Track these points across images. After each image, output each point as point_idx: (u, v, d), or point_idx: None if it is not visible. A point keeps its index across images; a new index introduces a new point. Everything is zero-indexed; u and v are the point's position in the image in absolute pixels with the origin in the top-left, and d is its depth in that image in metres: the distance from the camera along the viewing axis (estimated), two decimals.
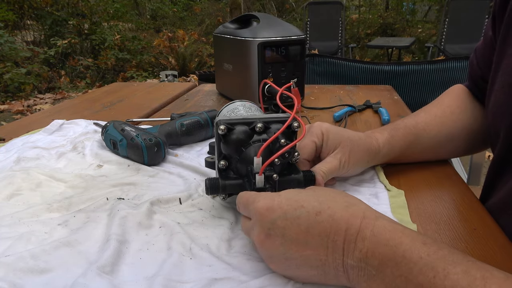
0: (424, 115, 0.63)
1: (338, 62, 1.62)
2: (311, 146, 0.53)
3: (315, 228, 0.34)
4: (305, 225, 0.35)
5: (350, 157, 0.53)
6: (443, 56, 4.49)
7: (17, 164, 0.64)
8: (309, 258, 0.35)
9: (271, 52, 0.90)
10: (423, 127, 0.60)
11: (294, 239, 0.35)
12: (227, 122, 0.46)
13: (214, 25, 7.59)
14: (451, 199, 0.53)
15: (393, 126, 0.61)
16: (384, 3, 8.04)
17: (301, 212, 0.35)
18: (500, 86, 0.51)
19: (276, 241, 0.36)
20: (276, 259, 0.37)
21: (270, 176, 0.44)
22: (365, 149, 0.55)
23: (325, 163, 0.52)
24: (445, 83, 1.57)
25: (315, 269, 0.35)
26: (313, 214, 0.35)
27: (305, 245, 0.35)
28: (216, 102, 1.08)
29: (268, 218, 0.36)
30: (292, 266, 0.36)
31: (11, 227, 0.47)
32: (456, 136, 0.62)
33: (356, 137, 0.55)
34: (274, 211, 0.36)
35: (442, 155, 0.64)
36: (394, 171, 0.60)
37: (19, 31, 6.06)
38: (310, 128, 0.56)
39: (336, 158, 0.53)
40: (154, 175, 0.61)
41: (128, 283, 0.38)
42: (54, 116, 0.94)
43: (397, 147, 0.59)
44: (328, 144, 0.54)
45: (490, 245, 0.43)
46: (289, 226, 0.35)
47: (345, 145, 0.53)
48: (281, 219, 0.36)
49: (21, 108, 4.09)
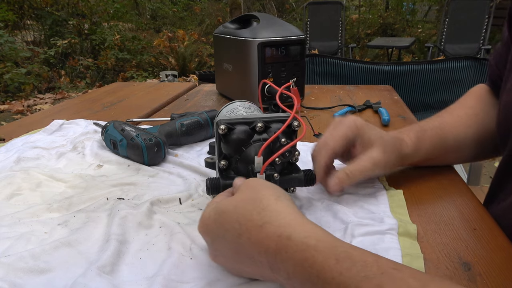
0: (448, 117, 0.61)
1: (338, 62, 1.62)
2: (342, 137, 0.50)
3: (241, 251, 0.35)
4: (234, 247, 0.36)
5: (383, 158, 0.50)
6: (443, 56, 4.49)
7: (17, 164, 0.64)
8: (251, 273, 0.37)
9: (271, 52, 0.90)
10: (449, 130, 0.59)
11: (230, 257, 0.37)
12: (227, 122, 0.46)
13: (214, 25, 7.59)
14: (451, 199, 0.53)
15: (419, 127, 0.58)
16: (384, 3, 8.04)
17: (227, 235, 0.36)
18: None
19: (222, 259, 0.38)
20: (233, 269, 0.39)
21: (271, 175, 0.44)
22: (396, 150, 0.53)
23: (357, 164, 0.49)
24: (445, 83, 1.57)
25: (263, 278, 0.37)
26: (236, 237, 0.35)
27: (240, 263, 0.36)
28: (216, 102, 1.08)
29: (205, 237, 0.39)
30: (245, 273, 0.38)
31: (11, 227, 0.47)
32: (480, 139, 0.60)
33: (388, 137, 0.52)
34: (207, 232, 0.39)
35: (465, 158, 0.62)
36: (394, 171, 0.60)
37: (19, 31, 6.06)
38: (342, 120, 0.52)
39: (370, 157, 0.50)
40: (154, 175, 0.61)
41: (128, 283, 0.38)
42: (54, 116, 0.94)
43: (423, 150, 0.56)
44: (362, 140, 0.51)
45: (490, 245, 0.43)
46: (222, 247, 0.37)
47: (379, 144, 0.50)
48: (214, 242, 0.38)
49: (21, 108, 4.09)
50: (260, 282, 0.37)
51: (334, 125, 0.53)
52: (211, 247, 0.39)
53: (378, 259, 0.30)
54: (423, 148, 0.56)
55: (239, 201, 0.38)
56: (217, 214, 0.38)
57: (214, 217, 0.38)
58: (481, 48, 4.41)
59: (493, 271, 0.39)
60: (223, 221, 0.37)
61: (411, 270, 0.29)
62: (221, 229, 0.37)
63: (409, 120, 0.88)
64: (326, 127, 0.53)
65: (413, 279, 0.27)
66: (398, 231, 0.44)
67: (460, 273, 0.39)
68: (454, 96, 1.61)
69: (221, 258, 0.38)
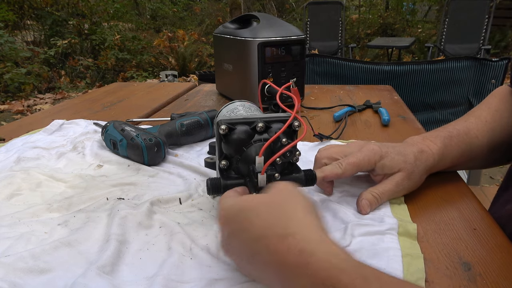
0: (474, 121, 0.59)
1: (338, 62, 1.62)
2: (354, 165, 0.50)
3: (257, 257, 0.34)
4: (250, 251, 0.35)
5: (408, 181, 0.51)
6: (443, 56, 4.49)
7: (17, 164, 0.64)
8: (256, 276, 0.36)
9: (271, 52, 0.90)
10: (475, 135, 0.58)
11: (243, 256, 0.36)
12: (228, 122, 0.46)
13: (214, 25, 7.59)
14: (451, 199, 0.53)
15: (446, 133, 0.57)
16: (384, 3, 8.04)
17: (246, 236, 0.35)
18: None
19: (231, 254, 0.38)
20: (244, 265, 0.38)
21: (272, 176, 0.44)
22: (424, 166, 0.52)
23: (382, 187, 0.50)
24: (445, 83, 1.57)
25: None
26: (253, 240, 0.34)
27: (251, 265, 0.35)
28: (216, 102, 1.08)
29: (222, 230, 0.38)
30: (258, 271, 0.36)
31: (11, 227, 0.47)
32: (505, 142, 0.59)
33: (412, 157, 0.52)
34: (226, 224, 0.37)
35: (492, 162, 0.62)
36: None
37: (19, 31, 6.06)
38: (363, 148, 0.52)
39: (393, 181, 0.50)
40: (154, 175, 0.61)
41: (128, 283, 0.38)
42: (54, 116, 0.94)
43: (449, 157, 0.56)
44: (382, 170, 0.51)
45: (490, 245, 0.43)
46: (237, 244, 0.36)
47: (404, 169, 0.51)
48: (230, 236, 0.37)
49: (21, 108, 4.09)
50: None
51: (352, 148, 0.53)
52: (226, 240, 0.38)
53: (406, 284, 0.30)
54: (450, 156, 0.56)
55: (265, 203, 0.36)
56: (240, 210, 0.36)
57: (235, 212, 0.37)
58: (481, 48, 4.41)
59: (493, 271, 0.39)
60: (243, 219, 0.36)
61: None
62: (239, 227, 0.36)
63: (409, 120, 0.88)
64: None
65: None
66: (398, 231, 0.44)
67: (460, 273, 0.39)
68: (454, 96, 1.61)
69: (233, 254, 0.38)
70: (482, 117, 0.60)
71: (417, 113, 1.62)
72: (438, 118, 1.64)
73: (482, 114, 0.61)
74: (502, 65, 1.51)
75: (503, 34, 6.03)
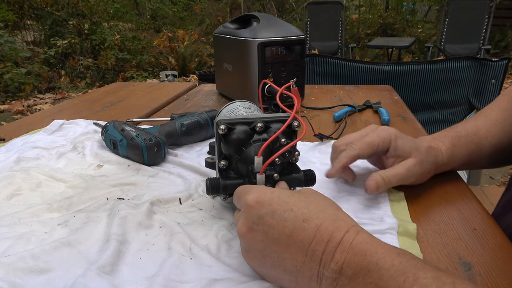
0: (484, 121, 0.60)
1: (338, 62, 1.62)
2: (371, 145, 0.52)
3: (299, 234, 0.34)
4: (290, 228, 0.35)
5: (419, 169, 0.51)
6: (443, 56, 4.49)
7: (17, 164, 0.64)
8: (285, 261, 0.35)
9: (271, 52, 0.90)
10: (485, 135, 0.58)
11: (276, 239, 0.35)
12: (227, 122, 0.46)
13: (214, 25, 7.58)
14: (451, 199, 0.53)
15: (454, 133, 0.57)
16: (384, 3, 8.04)
17: (289, 215, 0.35)
18: None
19: (257, 236, 0.36)
20: (253, 254, 0.37)
21: (271, 176, 0.44)
22: (432, 161, 0.53)
23: (393, 171, 0.51)
24: (445, 83, 1.57)
25: (288, 274, 0.35)
26: (300, 220, 0.35)
27: (285, 247, 0.35)
28: (216, 102, 1.08)
29: (256, 211, 0.37)
30: (267, 265, 0.36)
31: (11, 227, 0.47)
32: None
33: (423, 148, 0.53)
34: (263, 206, 0.36)
35: (501, 162, 0.62)
36: None
37: (19, 31, 6.06)
38: (378, 129, 0.53)
39: (406, 167, 0.51)
40: (154, 175, 0.61)
41: (128, 283, 0.38)
42: (54, 116, 0.94)
43: (458, 156, 0.56)
44: (395, 153, 0.52)
45: (490, 245, 0.43)
46: (274, 225, 0.35)
47: (415, 156, 0.51)
48: (268, 216, 0.36)
49: (21, 108, 4.09)
50: (261, 283, 0.37)
51: (367, 130, 0.54)
52: (254, 220, 0.36)
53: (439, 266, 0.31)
54: (459, 156, 0.56)
55: (309, 194, 0.38)
56: (284, 195, 0.37)
57: (278, 196, 0.37)
58: (481, 48, 4.41)
59: (493, 271, 0.39)
60: (291, 202, 0.36)
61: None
62: (283, 207, 0.36)
63: (409, 120, 0.88)
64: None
65: (468, 281, 0.29)
66: (397, 230, 0.44)
67: (460, 273, 0.39)
68: (454, 96, 1.61)
69: (258, 234, 0.36)
70: (492, 117, 0.60)
71: (417, 113, 1.62)
72: (438, 118, 1.64)
73: (492, 114, 0.60)
74: (502, 65, 1.51)
75: (503, 34, 6.04)
